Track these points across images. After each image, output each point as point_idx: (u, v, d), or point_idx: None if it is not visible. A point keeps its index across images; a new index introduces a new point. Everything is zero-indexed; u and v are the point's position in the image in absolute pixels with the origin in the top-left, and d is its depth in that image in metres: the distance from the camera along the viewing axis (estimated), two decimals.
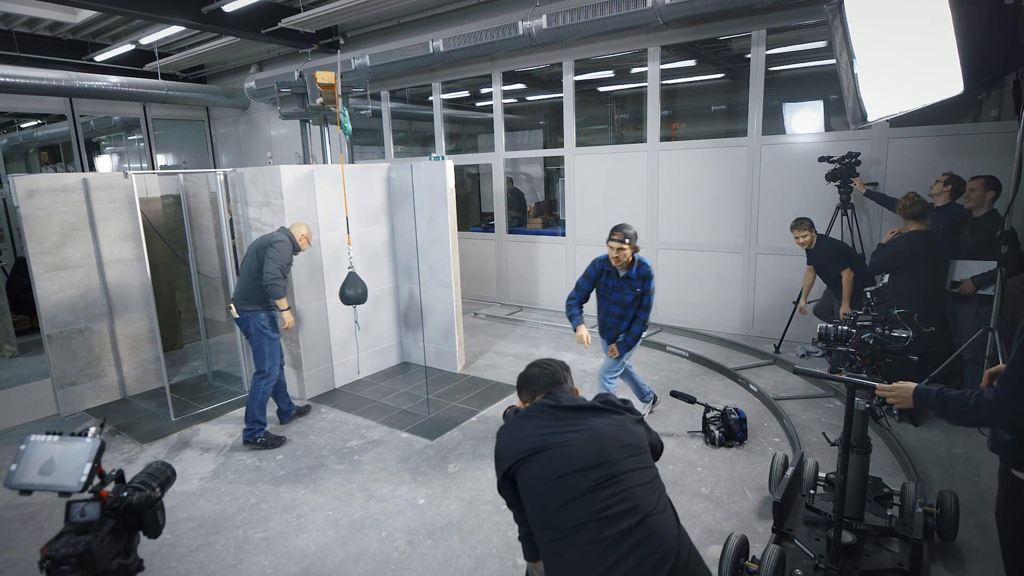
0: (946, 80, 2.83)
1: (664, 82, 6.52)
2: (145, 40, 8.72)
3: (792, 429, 3.98)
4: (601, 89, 9.02)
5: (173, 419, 4.62)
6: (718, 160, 6.14)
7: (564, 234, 7.50)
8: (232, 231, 5.42)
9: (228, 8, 7.18)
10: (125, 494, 1.48)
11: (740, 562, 2.50)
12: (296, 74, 5.95)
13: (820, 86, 6.38)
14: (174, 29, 8.05)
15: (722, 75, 8.07)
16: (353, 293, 4.47)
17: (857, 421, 2.57)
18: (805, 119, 6.11)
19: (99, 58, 9.42)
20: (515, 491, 1.79)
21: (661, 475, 1.78)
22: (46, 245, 4.67)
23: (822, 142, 5.55)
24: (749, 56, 5.79)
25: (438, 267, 5.38)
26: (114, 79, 8.86)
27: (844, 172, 5.00)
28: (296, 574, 2.84)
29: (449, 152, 8.88)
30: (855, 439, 2.58)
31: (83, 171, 8.38)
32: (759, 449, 3.85)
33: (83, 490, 1.40)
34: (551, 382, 1.95)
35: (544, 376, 1.96)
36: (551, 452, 1.71)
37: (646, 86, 6.45)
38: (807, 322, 5.38)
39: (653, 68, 6.35)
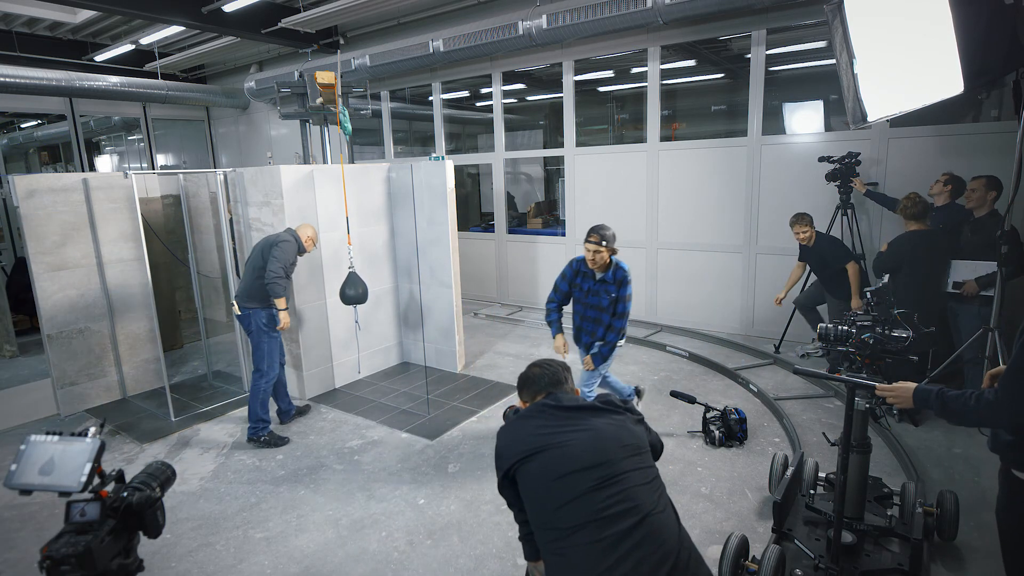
0: (946, 80, 2.83)
1: (664, 82, 6.52)
2: (145, 40, 8.72)
3: (792, 429, 3.98)
4: (601, 89, 9.02)
5: (173, 419, 4.62)
6: (718, 160, 6.14)
7: (564, 234, 7.50)
8: (232, 231, 5.41)
9: (228, 8, 7.18)
10: (125, 494, 1.48)
11: (740, 562, 2.50)
12: (296, 74, 5.95)
13: (820, 86, 6.38)
14: (174, 29, 8.06)
15: (722, 75, 8.07)
16: (354, 293, 4.48)
17: (857, 421, 2.57)
18: (805, 119, 6.11)
19: (99, 58, 9.42)
20: (515, 491, 1.79)
21: (661, 475, 1.78)
22: (46, 245, 4.67)
23: (822, 142, 5.55)
24: (749, 56, 5.79)
25: (438, 267, 5.38)
26: (114, 79, 8.86)
27: (844, 172, 5.00)
28: (296, 574, 2.84)
29: (449, 152, 8.88)
30: (855, 439, 2.58)
31: (83, 171, 8.38)
32: (759, 449, 3.85)
33: (83, 490, 1.40)
34: (552, 382, 1.95)
35: (545, 376, 1.96)
36: (551, 452, 1.71)
37: (646, 86, 6.46)
38: (807, 322, 5.39)
39: (653, 68, 6.35)
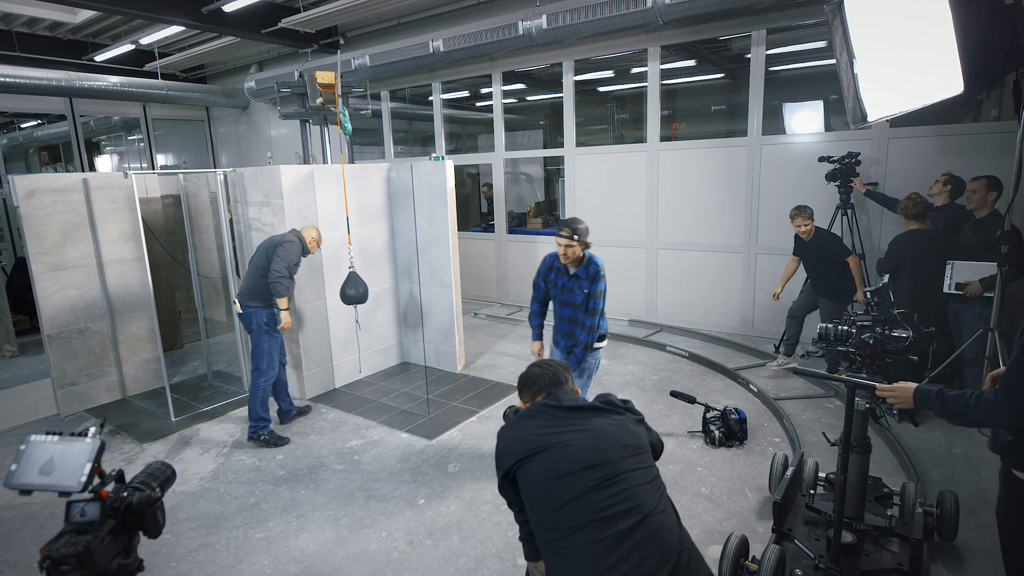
0: (946, 80, 2.83)
1: (664, 82, 6.52)
2: (145, 40, 8.72)
3: (792, 429, 3.98)
4: (601, 89, 9.02)
5: (173, 419, 4.62)
6: (718, 160, 6.14)
7: None
8: (232, 231, 5.41)
9: (228, 8, 7.18)
10: (125, 494, 1.48)
11: (740, 562, 2.50)
12: (296, 74, 5.95)
13: (820, 86, 6.39)
14: (174, 29, 8.05)
15: (722, 75, 8.07)
16: (354, 293, 4.48)
17: (857, 421, 2.57)
18: (805, 119, 6.11)
19: (99, 58, 9.42)
20: (516, 491, 1.79)
21: (661, 475, 1.78)
22: (46, 245, 4.67)
23: (822, 142, 5.55)
24: (749, 56, 5.79)
25: (438, 267, 5.38)
26: (114, 79, 8.86)
27: (844, 172, 4.99)
28: (296, 574, 2.84)
29: (449, 152, 8.88)
30: (855, 439, 2.58)
31: (83, 171, 8.38)
32: (759, 449, 3.85)
33: (83, 490, 1.40)
34: (552, 382, 1.95)
35: (545, 376, 1.97)
36: (552, 452, 1.71)
37: (646, 86, 6.45)
38: (807, 322, 5.37)
39: (653, 68, 6.35)
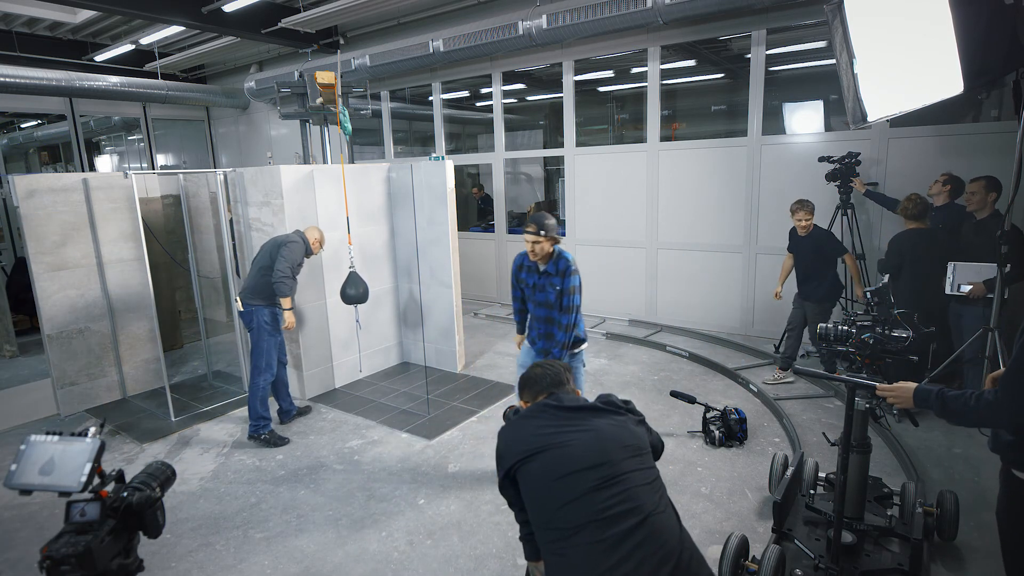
0: (946, 80, 2.82)
1: (664, 82, 6.52)
2: (145, 40, 8.72)
3: (792, 429, 3.98)
4: (601, 89, 9.02)
5: (173, 419, 4.62)
6: (718, 160, 6.14)
7: (564, 234, 7.49)
8: (232, 231, 5.41)
9: (228, 8, 7.18)
10: (125, 494, 1.48)
11: (740, 562, 2.50)
12: (296, 74, 5.95)
13: (820, 86, 6.38)
14: (174, 29, 8.05)
15: (722, 75, 8.07)
16: (354, 292, 4.48)
17: (857, 421, 2.57)
18: (805, 119, 6.10)
19: (99, 58, 9.42)
20: (516, 491, 1.79)
21: (661, 475, 1.78)
22: (46, 245, 4.67)
23: (822, 142, 5.55)
24: (749, 56, 5.79)
25: (438, 267, 5.38)
26: (114, 79, 8.86)
27: (844, 172, 4.99)
28: (296, 574, 2.84)
29: (449, 152, 8.87)
30: (855, 439, 2.58)
31: (83, 171, 8.38)
32: (759, 449, 3.85)
33: (83, 490, 1.40)
34: (553, 383, 1.95)
35: (546, 377, 1.97)
36: (552, 452, 1.71)
37: (646, 86, 6.45)
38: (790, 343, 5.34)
39: (653, 68, 6.35)
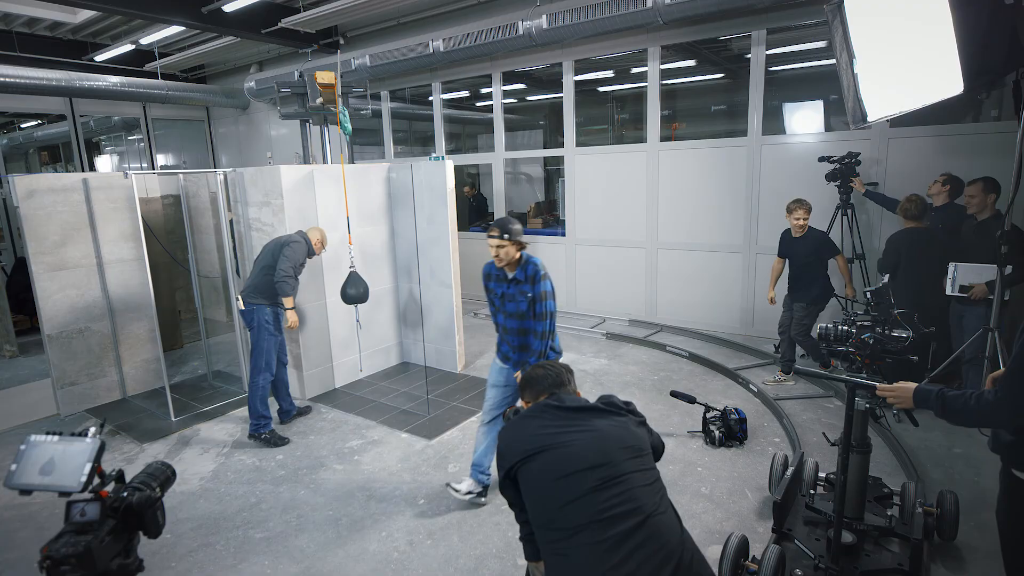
0: (946, 80, 2.82)
1: (664, 82, 6.52)
2: (145, 40, 8.71)
3: (792, 429, 3.98)
4: (601, 89, 9.02)
5: (173, 419, 4.62)
6: (718, 160, 6.14)
7: (564, 234, 7.49)
8: (232, 231, 5.41)
9: (228, 8, 7.17)
10: (125, 494, 1.48)
11: (740, 562, 2.50)
12: (296, 74, 5.95)
13: (820, 86, 6.38)
14: (174, 29, 8.05)
15: (722, 75, 8.07)
16: (355, 292, 4.49)
17: (857, 421, 2.57)
18: (805, 119, 6.10)
19: (99, 58, 9.41)
20: (517, 491, 1.79)
21: (661, 475, 1.79)
22: (46, 245, 4.67)
23: (822, 142, 5.55)
24: (749, 56, 5.78)
25: (438, 267, 5.38)
26: (114, 79, 8.85)
27: (844, 172, 4.99)
28: (296, 574, 2.84)
29: (449, 152, 8.87)
30: (855, 439, 2.58)
31: (83, 171, 8.38)
32: (759, 449, 3.85)
33: (83, 490, 1.40)
34: (554, 383, 1.96)
35: (548, 377, 1.97)
36: (553, 452, 1.71)
37: (646, 86, 6.45)
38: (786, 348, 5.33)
39: (653, 68, 6.35)
